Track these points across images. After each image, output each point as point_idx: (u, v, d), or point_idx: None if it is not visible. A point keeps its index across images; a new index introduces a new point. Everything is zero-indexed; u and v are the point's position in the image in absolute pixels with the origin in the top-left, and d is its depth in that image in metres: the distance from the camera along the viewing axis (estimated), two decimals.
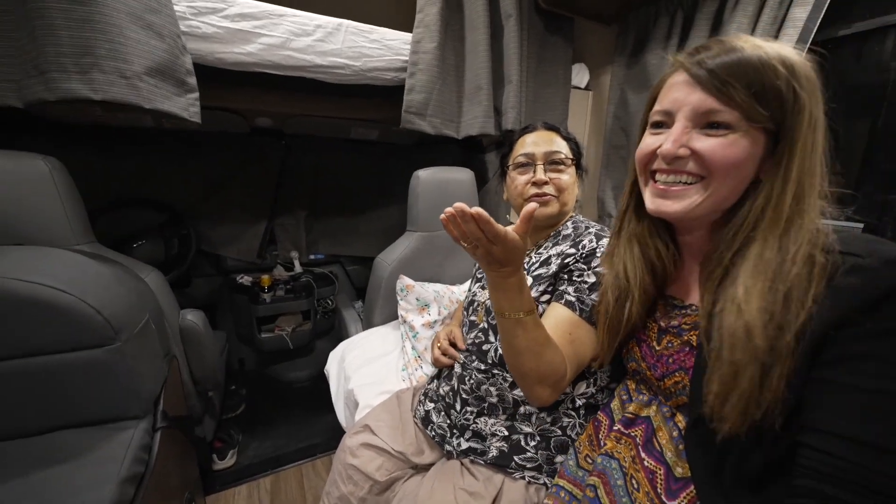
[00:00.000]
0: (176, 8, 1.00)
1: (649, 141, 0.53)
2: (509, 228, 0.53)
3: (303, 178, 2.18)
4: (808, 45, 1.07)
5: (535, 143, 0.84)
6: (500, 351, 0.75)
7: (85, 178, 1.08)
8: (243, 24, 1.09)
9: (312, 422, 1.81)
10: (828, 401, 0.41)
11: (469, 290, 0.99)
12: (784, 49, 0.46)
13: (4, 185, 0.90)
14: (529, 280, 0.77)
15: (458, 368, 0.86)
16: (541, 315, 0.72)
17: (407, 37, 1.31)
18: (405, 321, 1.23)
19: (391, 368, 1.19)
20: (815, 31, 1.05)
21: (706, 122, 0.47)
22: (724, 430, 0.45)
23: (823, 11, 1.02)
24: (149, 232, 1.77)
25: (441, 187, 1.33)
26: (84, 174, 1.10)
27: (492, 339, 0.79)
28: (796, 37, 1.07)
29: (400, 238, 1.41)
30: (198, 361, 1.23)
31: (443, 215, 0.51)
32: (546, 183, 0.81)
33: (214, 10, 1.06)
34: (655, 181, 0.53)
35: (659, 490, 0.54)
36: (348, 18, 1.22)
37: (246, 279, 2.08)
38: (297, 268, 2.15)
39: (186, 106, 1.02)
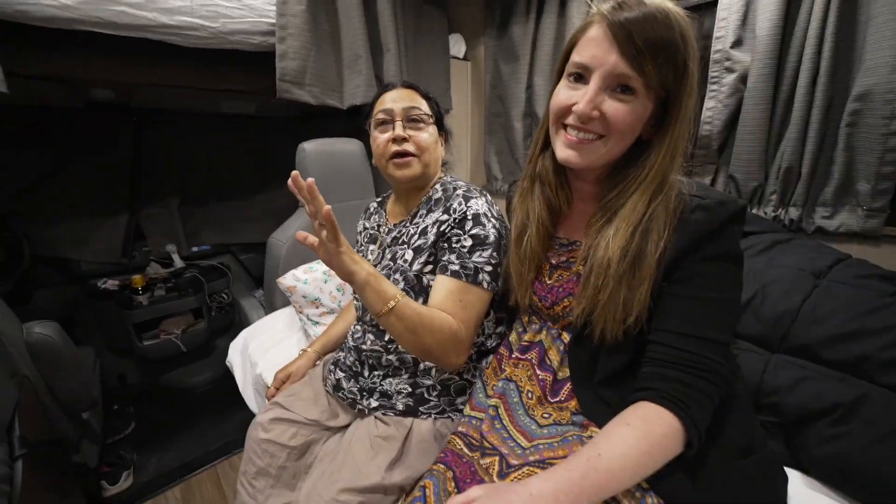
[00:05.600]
0: None
1: (566, 94, 0.57)
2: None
3: (168, 161, 1.91)
4: None
5: (394, 99, 0.83)
6: None
7: None
8: None
9: (223, 422, 1.70)
10: (670, 308, 0.55)
11: None
12: (680, 13, 0.51)
13: None
14: (410, 253, 0.81)
15: (354, 343, 0.89)
16: (429, 286, 0.78)
17: None
18: (301, 313, 1.22)
19: (300, 346, 1.18)
20: None
21: (617, 85, 0.53)
22: (597, 331, 0.57)
23: None
24: None
25: (330, 159, 1.31)
26: None
27: None
28: None
29: (293, 216, 1.36)
30: (58, 379, 1.05)
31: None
32: (406, 140, 0.81)
33: None
34: (567, 132, 0.58)
35: (546, 392, 0.67)
36: None
37: (111, 283, 1.78)
38: (178, 262, 1.91)
39: None
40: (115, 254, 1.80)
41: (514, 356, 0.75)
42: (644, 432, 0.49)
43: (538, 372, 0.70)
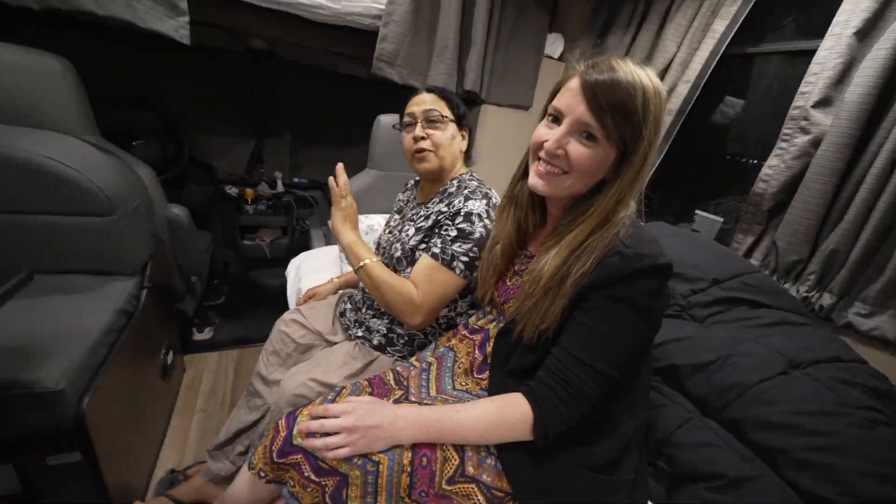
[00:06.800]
0: None
1: (543, 131, 0.67)
2: None
3: (292, 104, 2.34)
4: (719, 55, 1.22)
5: (416, 103, 0.97)
6: None
7: (87, 72, 1.26)
8: None
9: (278, 317, 2.15)
10: (571, 330, 0.65)
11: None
12: (650, 87, 0.59)
13: (25, 78, 1.10)
14: (413, 230, 0.97)
15: (361, 286, 1.12)
16: (416, 261, 0.95)
17: None
18: (341, 252, 1.50)
19: (332, 276, 1.48)
20: (726, 44, 1.19)
21: (582, 131, 0.63)
22: (517, 330, 0.70)
23: (735, 28, 1.16)
24: (147, 133, 1.98)
25: (397, 134, 1.52)
26: (86, 67, 1.27)
27: None
28: (712, 46, 1.22)
29: (360, 173, 1.62)
30: (180, 247, 1.51)
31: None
32: (424, 138, 0.95)
33: None
34: (539, 164, 0.69)
35: (473, 368, 0.83)
36: None
37: (233, 190, 2.32)
38: (280, 187, 2.38)
39: (177, 28, 1.20)
40: (241, 168, 2.33)
41: (464, 333, 0.90)
42: (502, 410, 0.63)
43: (476, 352, 0.85)
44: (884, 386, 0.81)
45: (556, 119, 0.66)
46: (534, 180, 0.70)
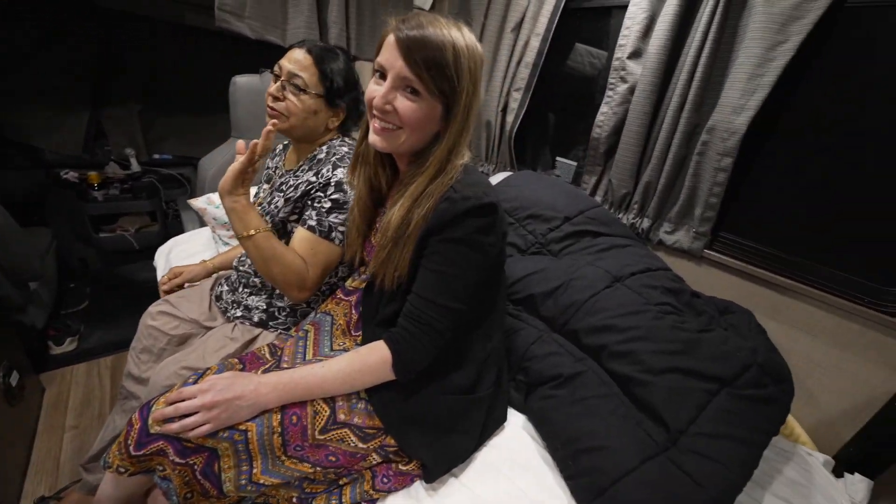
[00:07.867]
0: None
1: (372, 88, 0.67)
2: None
3: (134, 67, 1.97)
4: (560, 9, 1.32)
5: (289, 59, 0.91)
6: None
7: None
8: None
9: None
10: (419, 276, 0.70)
11: None
12: (460, 42, 0.62)
13: None
14: (282, 201, 0.94)
15: (237, 264, 1.07)
16: (291, 231, 0.93)
17: None
18: (215, 232, 1.39)
19: None
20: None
21: (405, 86, 0.64)
22: (378, 281, 0.74)
23: None
24: None
25: (258, 97, 1.39)
26: None
27: None
28: (553, 2, 1.31)
29: (224, 143, 1.47)
30: (1, 251, 1.25)
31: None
32: (279, 99, 0.89)
33: None
34: (375, 121, 0.69)
35: (350, 327, 0.86)
36: None
37: (72, 175, 1.94)
38: (135, 166, 2.05)
39: None
40: (76, 147, 1.93)
41: (341, 296, 0.93)
42: (362, 358, 0.68)
43: (352, 311, 0.88)
44: (678, 285, 1.04)
45: (382, 75, 0.67)
46: (372, 137, 0.71)
